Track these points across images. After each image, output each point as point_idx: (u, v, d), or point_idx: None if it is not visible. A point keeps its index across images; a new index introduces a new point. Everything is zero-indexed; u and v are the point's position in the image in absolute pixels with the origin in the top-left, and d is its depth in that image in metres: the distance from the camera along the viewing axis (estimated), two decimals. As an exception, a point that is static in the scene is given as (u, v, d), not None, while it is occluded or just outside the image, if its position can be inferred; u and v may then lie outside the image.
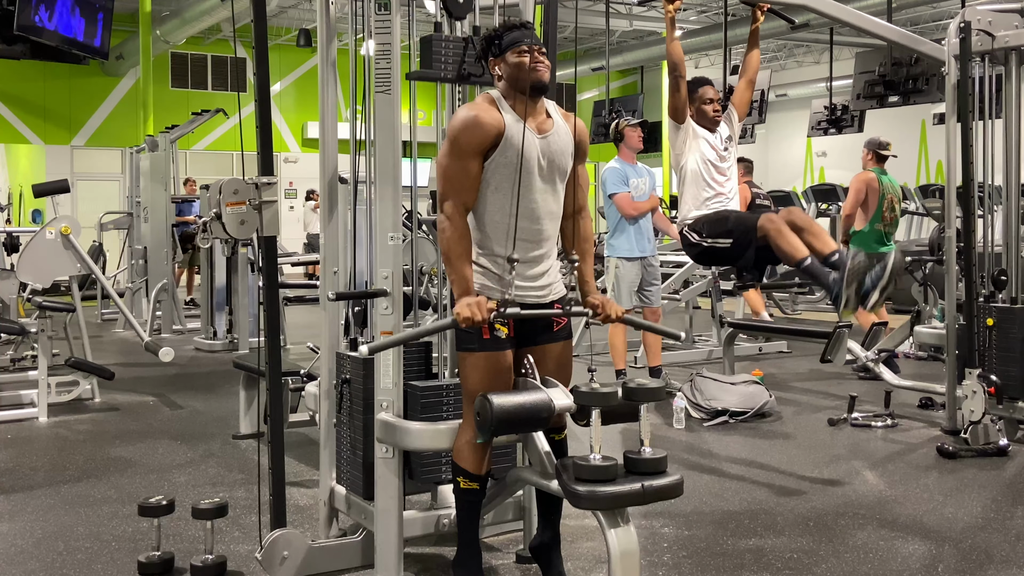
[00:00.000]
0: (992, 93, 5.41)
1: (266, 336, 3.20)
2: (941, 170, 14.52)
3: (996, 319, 5.23)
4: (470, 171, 2.93)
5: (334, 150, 3.51)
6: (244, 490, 4.32)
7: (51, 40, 9.43)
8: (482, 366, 2.95)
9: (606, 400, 2.74)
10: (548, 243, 3.05)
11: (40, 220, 14.28)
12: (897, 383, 6.02)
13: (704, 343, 8.48)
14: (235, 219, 4.62)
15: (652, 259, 6.75)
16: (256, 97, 3.15)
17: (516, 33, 3.00)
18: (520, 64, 2.96)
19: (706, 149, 4.80)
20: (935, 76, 9.39)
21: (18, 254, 7.26)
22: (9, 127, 17.01)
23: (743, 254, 4.62)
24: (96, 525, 3.90)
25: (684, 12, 17.46)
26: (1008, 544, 3.66)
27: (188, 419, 5.94)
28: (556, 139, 3.03)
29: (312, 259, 11.33)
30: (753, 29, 5.01)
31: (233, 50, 18.97)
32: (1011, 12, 5.29)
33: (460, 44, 3.38)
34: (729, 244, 4.62)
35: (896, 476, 4.62)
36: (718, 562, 3.49)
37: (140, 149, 10.94)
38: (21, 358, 7.25)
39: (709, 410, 5.74)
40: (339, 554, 3.36)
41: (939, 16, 16.42)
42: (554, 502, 3.14)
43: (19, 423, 5.81)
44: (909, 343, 7.72)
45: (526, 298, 3.00)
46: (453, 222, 2.92)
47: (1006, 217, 5.45)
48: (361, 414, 3.28)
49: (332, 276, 3.49)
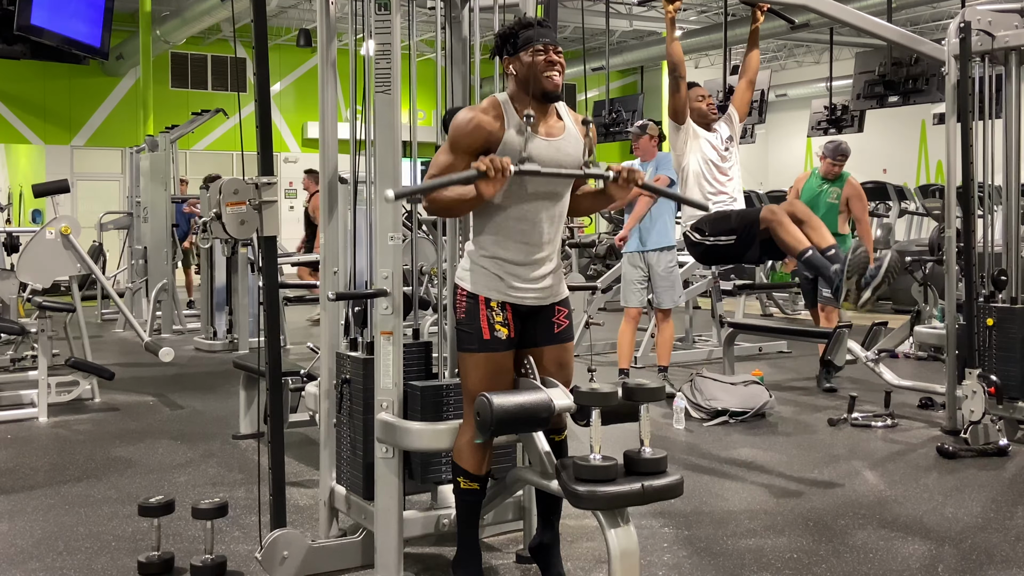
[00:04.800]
0: (992, 93, 5.41)
1: (266, 336, 3.20)
2: (941, 170, 14.52)
3: (996, 319, 5.24)
4: (457, 168, 2.89)
5: (334, 150, 3.51)
6: (244, 490, 4.32)
7: (51, 40, 9.42)
8: (482, 366, 2.95)
9: (606, 400, 2.74)
10: (550, 246, 3.03)
11: (40, 220, 14.30)
12: (897, 382, 6.02)
13: (704, 343, 8.48)
14: (235, 219, 4.63)
15: (661, 255, 6.57)
16: (256, 97, 3.15)
17: (532, 32, 2.94)
18: (534, 64, 2.92)
19: (707, 149, 4.80)
20: (935, 76, 9.40)
21: (18, 254, 7.26)
22: (9, 127, 17.01)
23: (747, 251, 4.64)
24: (96, 525, 3.90)
25: (684, 12, 17.46)
26: (1008, 544, 3.66)
27: (188, 419, 5.94)
28: (565, 143, 2.99)
29: (312, 259, 11.33)
30: (753, 29, 5.01)
31: (233, 50, 18.97)
32: (1011, 12, 5.29)
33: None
34: (733, 241, 4.61)
35: (896, 476, 4.62)
36: (718, 562, 3.49)
37: (140, 149, 10.94)
38: (21, 358, 7.25)
39: (709, 410, 5.74)
40: (339, 554, 3.36)
41: (939, 16, 16.42)
42: (554, 502, 3.14)
43: (19, 423, 5.81)
44: (909, 343, 7.72)
45: (527, 299, 3.00)
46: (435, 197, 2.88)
47: (1006, 217, 5.45)
48: (361, 414, 3.28)
49: (332, 276, 3.49)
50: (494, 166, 2.72)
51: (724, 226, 4.67)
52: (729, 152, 4.86)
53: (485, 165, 2.72)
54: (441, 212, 3.04)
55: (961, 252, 5.26)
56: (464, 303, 2.99)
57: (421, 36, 6.69)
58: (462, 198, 2.86)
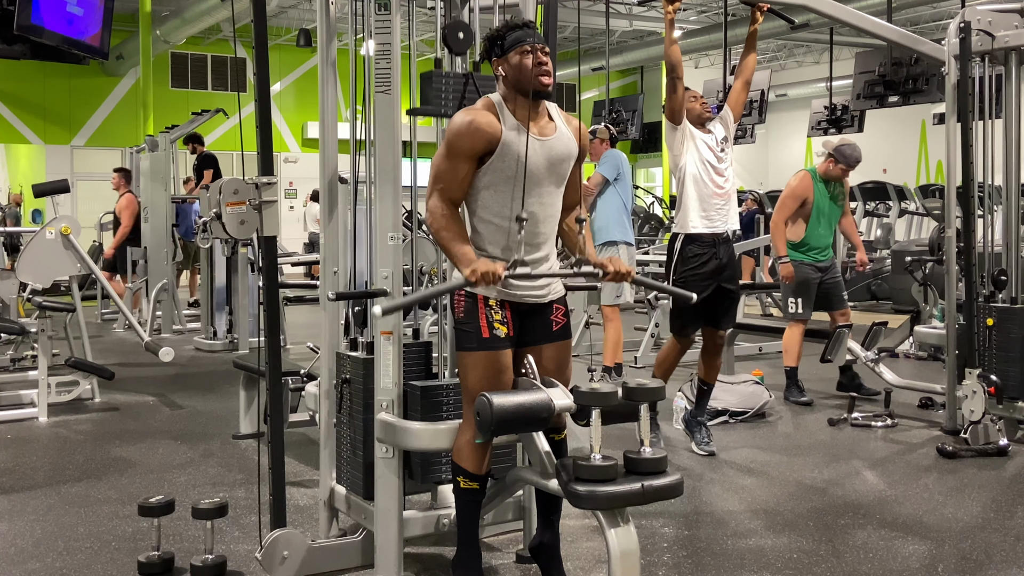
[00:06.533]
0: (992, 93, 5.41)
1: (266, 336, 3.20)
2: (941, 170, 14.53)
3: (996, 319, 5.24)
4: (459, 172, 2.92)
5: (334, 150, 3.51)
6: (244, 490, 4.32)
7: (51, 40, 9.41)
8: (482, 366, 2.95)
9: (606, 400, 2.74)
10: (547, 245, 3.04)
11: (40, 220, 14.30)
12: (897, 382, 6.02)
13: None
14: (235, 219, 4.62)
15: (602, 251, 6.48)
16: (256, 97, 3.15)
17: (519, 33, 2.97)
18: (523, 65, 2.94)
19: (703, 150, 4.80)
20: (935, 76, 9.40)
21: (18, 254, 7.26)
22: (9, 127, 17.02)
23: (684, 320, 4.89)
24: (96, 525, 3.90)
25: (684, 12, 17.49)
26: (1008, 544, 3.66)
27: (188, 419, 5.94)
28: (557, 143, 3.01)
29: (312, 259, 11.33)
30: (751, 31, 5.01)
31: (233, 50, 18.99)
32: (1011, 12, 5.30)
33: (460, 80, 3.37)
34: (681, 303, 4.70)
35: (896, 476, 4.62)
36: (718, 562, 3.49)
37: (140, 149, 10.94)
38: (21, 358, 7.25)
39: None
40: (339, 554, 3.36)
41: (939, 16, 16.43)
42: (554, 502, 3.14)
43: (19, 423, 5.81)
44: (909, 343, 7.73)
45: (525, 298, 3.00)
46: (440, 211, 2.92)
47: (1006, 217, 5.45)
48: (361, 414, 3.28)
49: (332, 276, 3.49)
50: (485, 280, 2.79)
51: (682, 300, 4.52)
52: (725, 153, 4.86)
53: (476, 278, 2.79)
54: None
55: (961, 252, 5.26)
56: (463, 302, 2.99)
57: (421, 36, 6.68)
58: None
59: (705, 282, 4.73)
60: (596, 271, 2.98)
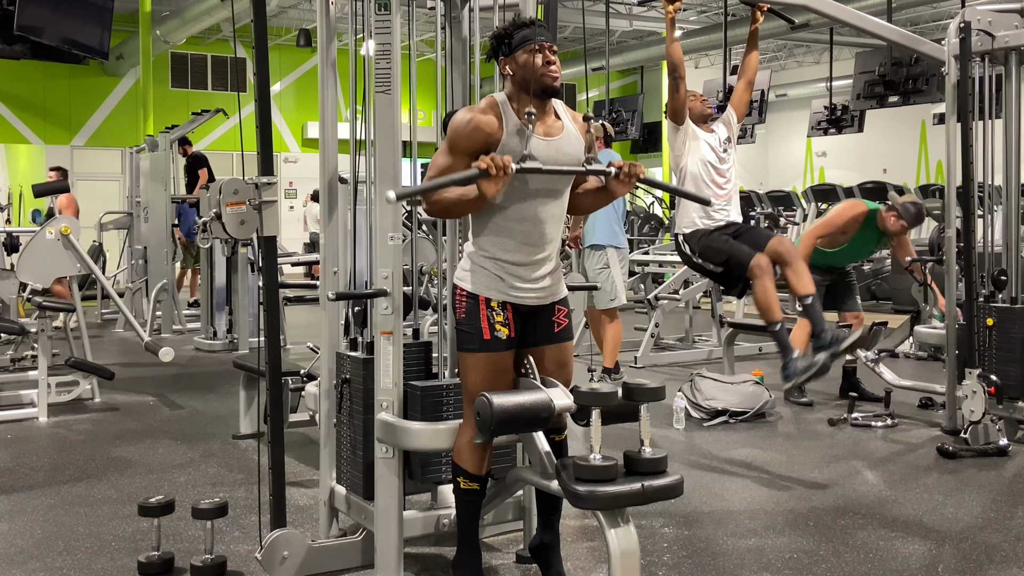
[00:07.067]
0: (992, 93, 5.41)
1: (266, 336, 3.20)
2: (941, 170, 14.54)
3: (996, 319, 5.24)
4: (456, 170, 2.88)
5: (334, 150, 3.51)
6: (244, 490, 4.32)
7: (51, 40, 9.41)
8: (482, 366, 2.95)
9: (606, 400, 2.74)
10: (551, 246, 3.02)
11: (40, 220, 14.28)
12: (898, 383, 6.02)
13: (704, 343, 8.48)
14: (235, 219, 4.63)
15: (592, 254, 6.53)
16: (256, 97, 3.15)
17: (527, 31, 2.94)
18: (530, 64, 2.92)
19: (705, 150, 4.80)
20: (935, 76, 9.41)
21: (18, 254, 7.26)
22: (9, 127, 17.02)
23: (731, 286, 4.85)
24: (96, 525, 3.90)
25: (684, 12, 17.47)
26: (1008, 544, 3.66)
27: (188, 419, 5.94)
28: (564, 142, 2.99)
29: (312, 259, 11.32)
30: (752, 31, 5.01)
31: (233, 50, 18.99)
32: (1011, 12, 5.30)
33: None
34: (719, 271, 4.75)
35: (896, 476, 4.62)
36: (718, 562, 3.49)
37: (140, 149, 10.94)
38: (21, 358, 7.24)
39: (709, 410, 5.74)
40: (339, 554, 3.36)
41: (939, 16, 16.43)
42: (554, 502, 3.14)
43: (19, 423, 5.81)
44: (909, 343, 7.73)
45: (527, 299, 3.00)
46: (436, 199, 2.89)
47: (1006, 217, 5.45)
48: (361, 414, 3.28)
49: (332, 276, 3.49)
50: (495, 164, 2.72)
51: (714, 256, 4.66)
52: (727, 154, 4.86)
53: (486, 163, 2.72)
54: (441, 213, 3.03)
55: (961, 252, 5.26)
56: (464, 303, 2.99)
57: (421, 36, 6.68)
58: (463, 199, 2.86)
59: (724, 235, 4.73)
60: (608, 170, 2.92)
